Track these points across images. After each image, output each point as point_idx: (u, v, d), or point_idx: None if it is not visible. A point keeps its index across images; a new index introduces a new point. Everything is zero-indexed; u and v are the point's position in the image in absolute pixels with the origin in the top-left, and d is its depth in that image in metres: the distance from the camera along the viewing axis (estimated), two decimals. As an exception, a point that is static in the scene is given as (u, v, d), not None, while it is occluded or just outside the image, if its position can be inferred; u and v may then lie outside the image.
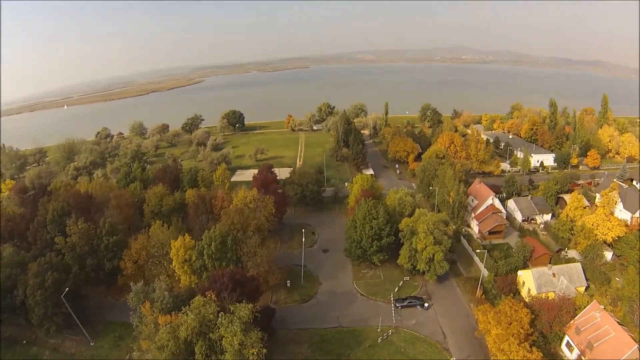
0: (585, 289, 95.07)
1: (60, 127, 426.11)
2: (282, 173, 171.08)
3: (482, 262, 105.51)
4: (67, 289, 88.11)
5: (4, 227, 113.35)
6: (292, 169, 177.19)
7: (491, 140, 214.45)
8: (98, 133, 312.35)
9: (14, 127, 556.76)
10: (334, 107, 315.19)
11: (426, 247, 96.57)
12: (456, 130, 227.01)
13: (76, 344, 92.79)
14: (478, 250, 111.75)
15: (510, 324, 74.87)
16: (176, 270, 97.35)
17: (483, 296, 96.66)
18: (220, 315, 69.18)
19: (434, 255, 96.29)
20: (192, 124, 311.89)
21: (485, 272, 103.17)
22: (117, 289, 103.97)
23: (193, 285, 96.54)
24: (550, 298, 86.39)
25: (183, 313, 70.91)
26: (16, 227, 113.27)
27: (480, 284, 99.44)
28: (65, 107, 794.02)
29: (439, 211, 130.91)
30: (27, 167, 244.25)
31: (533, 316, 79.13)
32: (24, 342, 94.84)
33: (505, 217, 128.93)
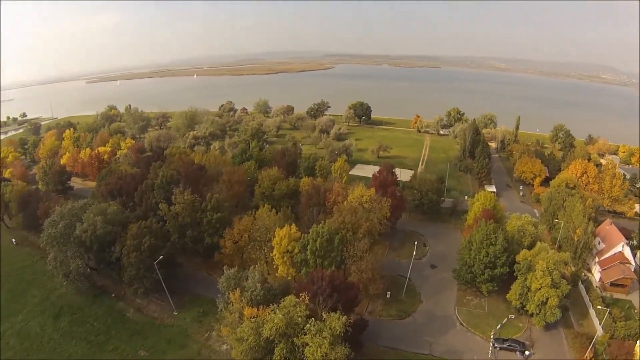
0: None
1: (186, 95, 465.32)
2: (403, 175, 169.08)
3: (601, 321, 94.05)
4: (161, 256, 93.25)
5: (114, 185, 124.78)
6: (413, 172, 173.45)
7: (627, 176, 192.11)
8: (222, 106, 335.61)
9: (143, 90, 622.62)
10: (463, 113, 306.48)
11: (541, 287, 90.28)
12: (589, 159, 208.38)
13: (160, 310, 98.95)
14: (599, 307, 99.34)
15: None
16: (275, 259, 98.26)
17: None
18: (310, 321, 67.42)
19: (547, 298, 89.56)
20: (317, 110, 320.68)
21: (600, 332, 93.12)
22: (212, 265, 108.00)
23: (289, 278, 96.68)
24: (671, 383, 73.39)
25: (271, 311, 70.24)
26: (126, 186, 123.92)
27: (592, 346, 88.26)
28: (195, 76, 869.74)
29: (560, 247, 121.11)
30: (149, 129, 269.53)
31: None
32: (113, 295, 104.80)
33: (633, 270, 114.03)
